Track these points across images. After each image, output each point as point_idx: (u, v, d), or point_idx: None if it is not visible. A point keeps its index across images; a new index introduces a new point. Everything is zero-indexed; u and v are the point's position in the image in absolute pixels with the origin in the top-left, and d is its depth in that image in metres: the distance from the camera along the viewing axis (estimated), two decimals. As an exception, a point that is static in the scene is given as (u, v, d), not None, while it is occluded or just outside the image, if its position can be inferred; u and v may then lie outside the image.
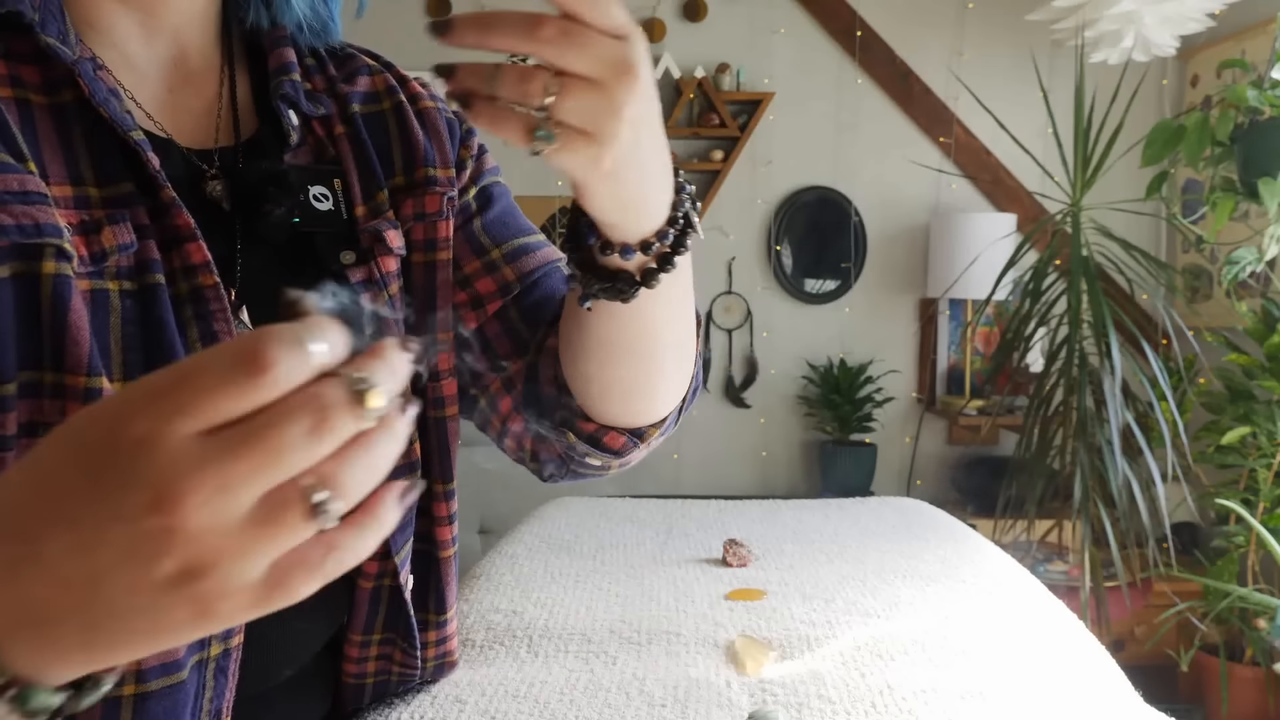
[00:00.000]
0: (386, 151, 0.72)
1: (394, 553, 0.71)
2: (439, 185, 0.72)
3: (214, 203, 0.64)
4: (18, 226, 0.52)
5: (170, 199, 0.59)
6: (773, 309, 3.39)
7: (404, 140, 0.73)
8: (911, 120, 3.36)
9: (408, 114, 0.74)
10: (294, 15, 0.70)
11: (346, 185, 0.69)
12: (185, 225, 0.59)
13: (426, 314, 0.71)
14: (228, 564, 0.32)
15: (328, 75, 0.73)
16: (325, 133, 0.70)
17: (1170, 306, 2.64)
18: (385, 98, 0.74)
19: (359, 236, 0.68)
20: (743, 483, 3.40)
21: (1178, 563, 2.67)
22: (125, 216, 0.57)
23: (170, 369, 0.32)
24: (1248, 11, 2.85)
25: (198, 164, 0.64)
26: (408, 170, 0.72)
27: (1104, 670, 0.98)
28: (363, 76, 0.74)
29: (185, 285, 0.59)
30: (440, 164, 0.73)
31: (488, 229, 0.77)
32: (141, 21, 0.63)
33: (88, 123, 0.58)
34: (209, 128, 0.67)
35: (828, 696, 0.86)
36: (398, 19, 3.26)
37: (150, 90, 0.64)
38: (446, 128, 0.76)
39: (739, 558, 1.31)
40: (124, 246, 0.56)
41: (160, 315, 0.56)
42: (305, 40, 0.72)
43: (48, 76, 0.58)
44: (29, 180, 0.53)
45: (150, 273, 0.57)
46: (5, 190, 0.52)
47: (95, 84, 0.58)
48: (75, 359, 0.53)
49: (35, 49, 0.58)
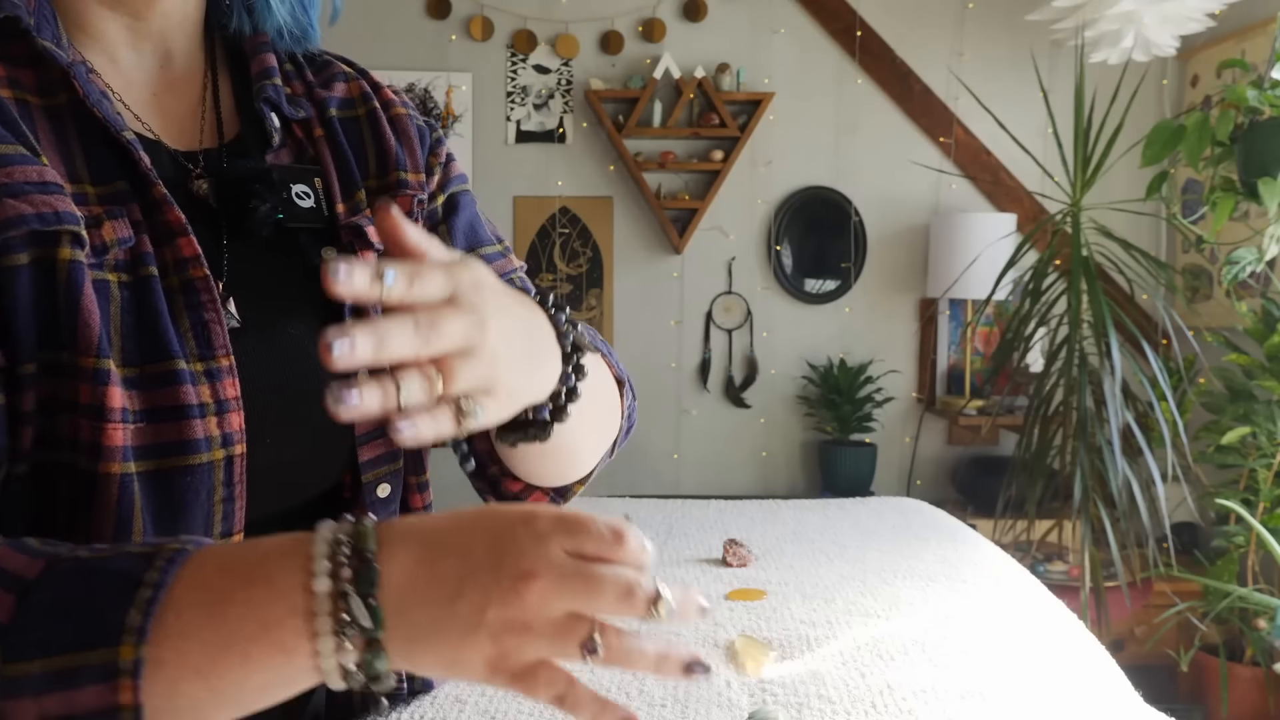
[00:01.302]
0: (361, 155, 0.75)
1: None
2: (410, 188, 0.75)
3: (200, 200, 0.66)
4: (38, 215, 0.54)
5: (162, 196, 0.61)
6: (773, 309, 3.39)
7: (377, 145, 0.76)
8: (911, 120, 3.36)
9: (381, 120, 0.77)
10: (275, 22, 0.73)
11: (326, 184, 0.71)
12: (177, 221, 0.61)
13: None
14: (526, 639, 0.43)
15: (305, 80, 0.76)
16: (304, 135, 0.73)
17: (1170, 306, 2.64)
18: (360, 104, 0.77)
19: (339, 232, 0.71)
20: (743, 483, 3.40)
21: (1178, 563, 2.67)
22: (122, 213, 0.59)
23: (572, 512, 0.45)
24: (1248, 11, 2.85)
25: (184, 163, 0.67)
26: (381, 174, 0.75)
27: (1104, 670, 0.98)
28: (339, 82, 0.77)
29: (176, 278, 0.61)
30: (411, 169, 0.76)
31: (452, 235, 0.79)
32: (129, 26, 0.66)
33: (82, 124, 0.60)
34: (193, 129, 0.69)
35: (828, 696, 0.86)
36: (398, 19, 3.26)
37: (137, 93, 0.67)
38: (417, 134, 0.79)
39: (739, 558, 1.30)
40: (123, 240, 0.59)
41: (155, 305, 0.59)
42: (284, 46, 0.75)
43: (43, 79, 0.60)
44: (45, 171, 0.56)
45: (144, 265, 0.59)
46: (25, 180, 0.55)
47: (89, 86, 0.60)
48: (86, 341, 0.55)
49: (30, 52, 0.59)
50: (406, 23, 3.26)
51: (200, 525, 0.59)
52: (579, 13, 3.28)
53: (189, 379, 0.58)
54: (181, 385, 0.58)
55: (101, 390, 0.55)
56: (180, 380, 0.58)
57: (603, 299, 3.35)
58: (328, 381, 0.42)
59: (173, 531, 0.58)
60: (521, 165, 3.31)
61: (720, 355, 3.39)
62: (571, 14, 3.28)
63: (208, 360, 0.60)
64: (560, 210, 3.33)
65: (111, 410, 0.55)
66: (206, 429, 0.59)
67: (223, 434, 0.59)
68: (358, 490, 0.70)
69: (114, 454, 0.55)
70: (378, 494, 0.71)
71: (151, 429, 0.57)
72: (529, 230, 3.32)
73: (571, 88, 3.30)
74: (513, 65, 3.30)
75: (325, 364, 0.42)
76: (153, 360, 0.58)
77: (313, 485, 0.69)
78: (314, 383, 0.65)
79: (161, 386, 0.58)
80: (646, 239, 3.35)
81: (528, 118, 3.30)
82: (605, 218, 3.34)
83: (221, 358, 0.60)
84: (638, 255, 3.37)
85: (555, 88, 3.30)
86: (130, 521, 0.56)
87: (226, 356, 0.61)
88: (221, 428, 0.59)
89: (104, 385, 0.55)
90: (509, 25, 3.28)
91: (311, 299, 0.68)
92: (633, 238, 3.36)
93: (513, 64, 3.30)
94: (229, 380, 0.60)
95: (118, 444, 0.55)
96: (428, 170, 0.78)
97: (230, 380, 0.60)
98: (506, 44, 3.29)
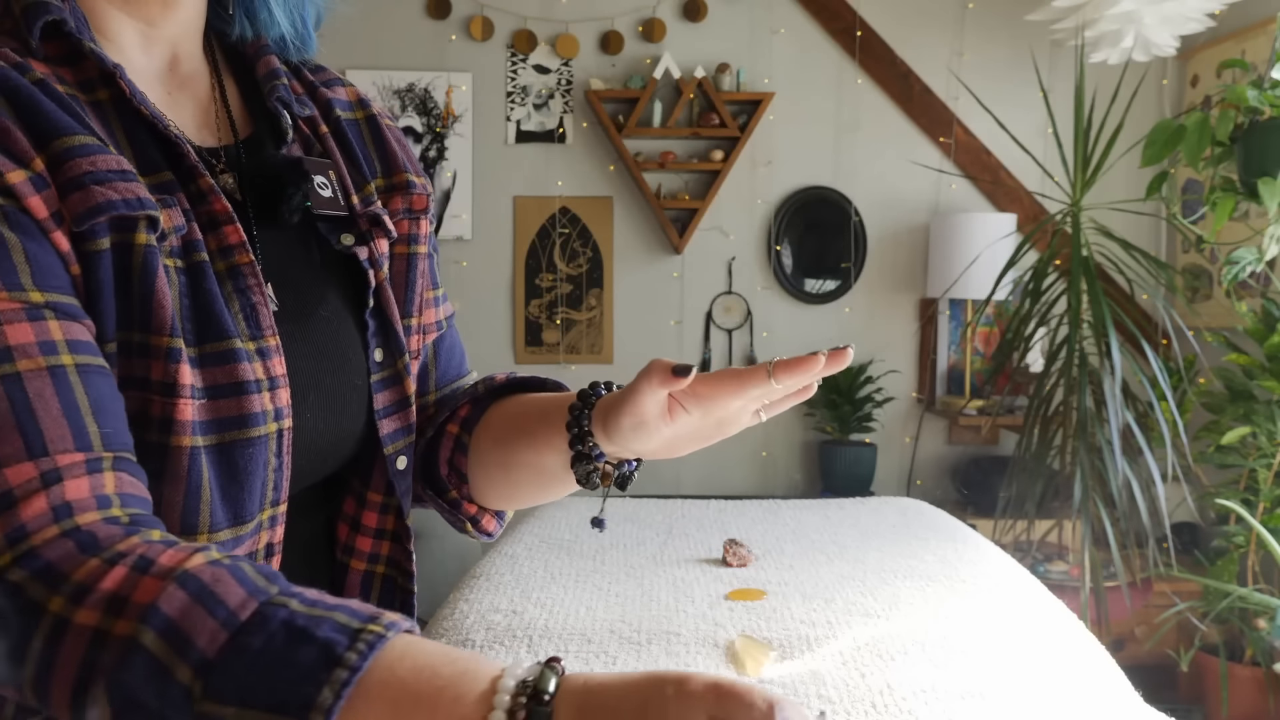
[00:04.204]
0: (366, 155, 0.79)
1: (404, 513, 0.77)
2: (417, 189, 0.80)
3: (227, 194, 0.69)
4: (124, 201, 0.57)
5: (209, 186, 0.64)
6: (773, 309, 3.39)
7: (378, 148, 0.80)
8: (911, 120, 3.36)
9: (380, 125, 0.81)
10: (277, 30, 0.77)
11: (339, 176, 0.75)
12: (223, 210, 0.64)
13: (405, 301, 0.79)
14: None
15: (305, 81, 0.80)
16: (311, 132, 0.77)
17: (1170, 306, 2.64)
18: (359, 108, 0.82)
19: (357, 220, 0.75)
20: (743, 483, 3.40)
21: (1178, 563, 2.67)
22: (174, 202, 0.62)
23: (729, 682, 0.44)
24: (1248, 11, 2.85)
25: (208, 159, 0.70)
26: (387, 174, 0.80)
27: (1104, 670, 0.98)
28: (339, 86, 0.82)
29: (223, 263, 0.64)
30: (414, 172, 0.81)
31: (426, 271, 0.84)
32: (143, 31, 0.69)
33: (125, 119, 0.63)
34: (208, 127, 0.72)
35: (828, 696, 0.86)
36: (398, 19, 3.26)
37: (152, 94, 0.69)
38: (403, 148, 0.83)
39: (739, 558, 1.30)
40: (178, 228, 0.62)
41: (209, 289, 0.62)
42: (286, 54, 0.79)
43: (81, 77, 0.63)
44: (122, 160, 0.59)
45: (196, 252, 0.62)
46: (108, 169, 0.58)
47: (133, 85, 0.63)
48: (160, 321, 0.59)
49: (67, 51, 0.63)
50: (406, 23, 3.26)
51: (258, 495, 0.63)
52: (579, 13, 3.28)
53: (245, 357, 0.62)
54: (240, 363, 0.62)
55: (174, 368, 0.58)
56: (238, 359, 0.62)
57: (603, 299, 3.35)
58: (353, 363, 0.49)
59: (237, 501, 0.62)
60: (521, 165, 3.31)
61: (720, 355, 3.39)
62: (571, 14, 3.28)
63: (258, 340, 0.64)
64: (560, 210, 3.33)
65: (183, 386, 0.59)
66: (263, 404, 0.63)
67: (275, 409, 0.64)
68: (374, 462, 0.76)
69: (184, 428, 0.59)
70: (398, 466, 0.76)
71: (213, 405, 0.61)
72: (529, 230, 3.32)
73: (571, 88, 3.30)
74: (513, 65, 3.30)
75: None
76: (212, 340, 0.61)
77: (339, 457, 0.74)
78: (341, 360, 0.71)
79: (222, 364, 0.61)
80: (646, 239, 3.35)
81: (528, 118, 3.30)
82: (605, 218, 3.34)
83: (269, 337, 0.64)
84: (638, 255, 3.37)
85: (555, 88, 3.30)
86: (200, 491, 0.60)
87: (274, 336, 0.65)
88: (274, 402, 0.64)
89: (176, 363, 0.59)
90: (509, 25, 3.28)
91: (333, 283, 0.73)
92: (633, 238, 3.36)
93: (513, 64, 3.30)
94: (277, 359, 0.65)
95: (188, 418, 0.59)
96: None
97: (278, 358, 0.65)
98: (506, 44, 3.29)
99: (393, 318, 0.75)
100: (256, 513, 0.64)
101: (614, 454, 0.71)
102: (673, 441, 0.68)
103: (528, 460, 0.76)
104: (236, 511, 0.62)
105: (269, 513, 0.65)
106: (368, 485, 0.77)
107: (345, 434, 0.73)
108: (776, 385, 0.61)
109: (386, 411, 0.75)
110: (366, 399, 0.73)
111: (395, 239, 0.78)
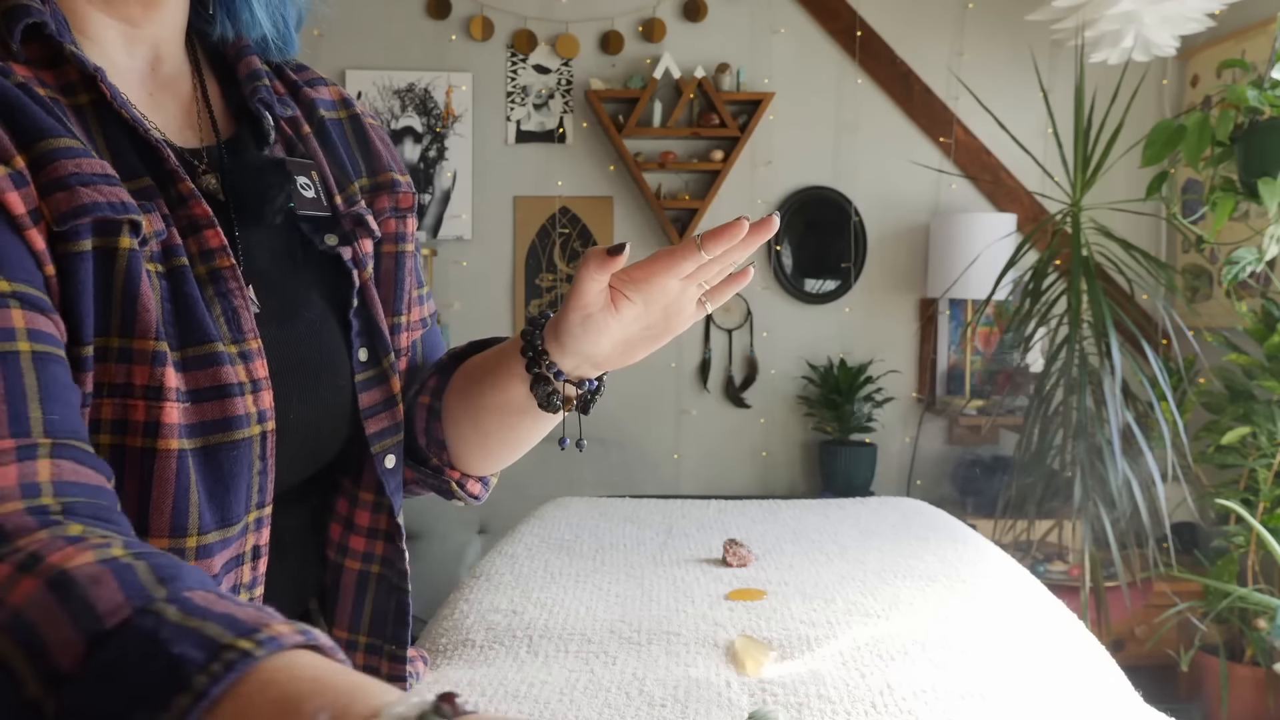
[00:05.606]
0: (350, 154, 0.80)
1: (395, 511, 0.77)
2: (403, 188, 0.81)
3: (209, 195, 0.69)
4: (109, 204, 0.57)
5: (189, 190, 0.64)
6: (773, 309, 3.39)
7: (363, 147, 0.81)
8: (911, 120, 3.36)
9: (364, 125, 0.82)
10: (259, 31, 0.76)
11: (322, 177, 0.75)
12: (204, 214, 0.64)
13: (395, 299, 0.79)
14: None
15: (288, 80, 0.80)
16: (293, 132, 0.77)
17: (1170, 306, 2.64)
18: (342, 107, 0.82)
19: (340, 221, 0.75)
20: (743, 483, 3.40)
21: (1178, 563, 2.67)
22: (153, 207, 0.62)
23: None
24: (1248, 11, 2.85)
25: (190, 160, 0.69)
26: (372, 173, 0.80)
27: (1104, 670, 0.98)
28: (323, 85, 0.82)
29: (204, 267, 0.64)
30: (399, 171, 0.82)
31: (411, 270, 0.85)
32: (125, 33, 0.68)
33: (105, 123, 0.63)
34: (190, 128, 0.72)
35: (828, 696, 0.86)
36: (398, 19, 3.26)
37: (134, 95, 0.69)
38: (386, 147, 0.84)
39: (739, 558, 1.30)
40: (158, 233, 0.61)
41: (190, 293, 0.62)
42: (268, 54, 0.79)
43: (62, 81, 0.62)
44: (105, 164, 0.59)
45: (176, 256, 0.62)
46: (92, 172, 0.57)
47: (113, 88, 0.62)
48: (145, 325, 0.58)
49: (48, 54, 0.62)
50: (406, 23, 3.26)
51: (244, 497, 0.63)
52: (579, 13, 3.28)
53: (227, 360, 0.62)
54: (222, 366, 0.62)
55: (160, 371, 0.58)
56: (220, 362, 0.62)
57: (603, 299, 3.35)
58: (337, 363, 0.46)
59: (223, 503, 0.62)
60: (521, 165, 3.31)
61: (720, 355, 3.39)
62: (571, 14, 3.28)
63: (240, 343, 0.64)
64: (560, 210, 3.33)
65: (168, 390, 0.59)
66: (246, 406, 0.63)
67: (258, 411, 0.63)
68: (364, 461, 0.76)
69: (171, 431, 0.59)
70: (386, 464, 0.76)
71: (197, 409, 0.61)
72: (529, 230, 3.32)
73: (571, 88, 3.30)
74: (513, 65, 3.29)
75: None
76: (193, 344, 0.61)
77: (324, 457, 0.74)
78: (327, 362, 0.71)
79: (204, 368, 0.61)
80: (646, 239, 3.35)
81: (528, 118, 3.30)
82: (605, 218, 3.34)
83: (251, 340, 0.64)
84: (638, 255, 3.34)
85: (555, 88, 3.30)
86: (188, 494, 0.59)
87: (255, 339, 0.65)
88: (257, 405, 0.63)
89: (161, 367, 0.58)
90: (509, 25, 3.28)
91: (317, 284, 0.72)
92: (633, 238, 3.36)
93: (513, 64, 3.30)
94: (259, 361, 0.64)
95: (174, 421, 0.59)
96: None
97: (260, 361, 0.64)
98: (506, 44, 3.29)
99: (377, 317, 0.75)
100: (243, 515, 0.63)
101: (572, 370, 0.73)
102: (625, 345, 0.72)
103: (493, 402, 0.76)
104: (223, 514, 0.62)
105: (254, 515, 0.65)
106: (359, 485, 0.77)
107: (330, 434, 0.73)
108: (706, 255, 0.66)
109: (372, 411, 0.75)
110: (352, 399, 0.73)
111: (382, 238, 0.78)
